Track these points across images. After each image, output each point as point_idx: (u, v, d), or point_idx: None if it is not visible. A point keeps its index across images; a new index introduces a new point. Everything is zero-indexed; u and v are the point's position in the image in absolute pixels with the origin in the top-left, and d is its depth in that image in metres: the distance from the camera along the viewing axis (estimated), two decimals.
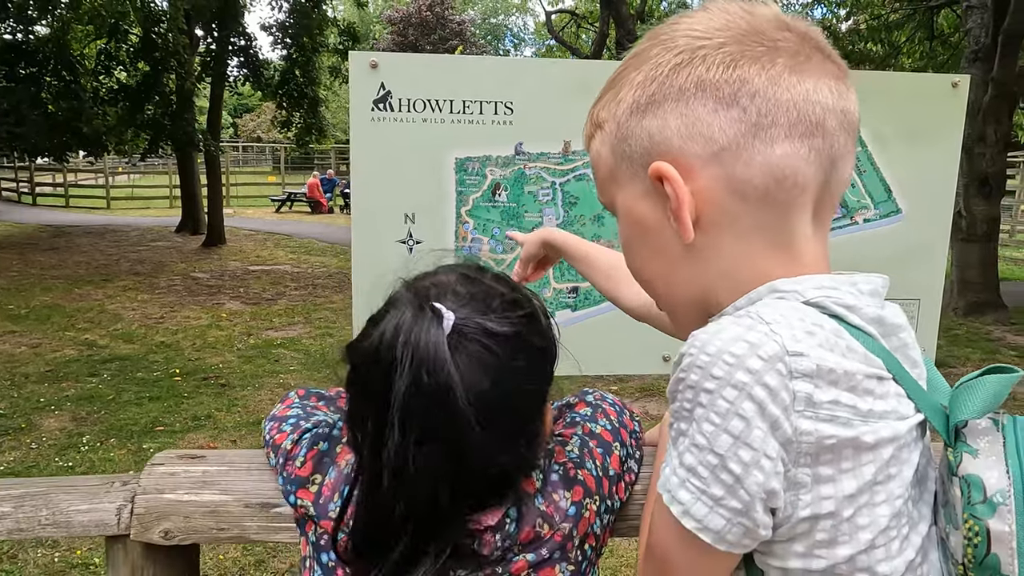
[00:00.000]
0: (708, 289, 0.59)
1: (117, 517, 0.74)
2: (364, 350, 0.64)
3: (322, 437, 0.77)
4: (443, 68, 1.34)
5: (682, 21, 0.59)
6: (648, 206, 0.59)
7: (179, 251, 13.10)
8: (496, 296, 0.67)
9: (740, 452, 0.49)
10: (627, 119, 0.59)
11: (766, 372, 0.49)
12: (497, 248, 1.39)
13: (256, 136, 34.16)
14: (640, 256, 0.63)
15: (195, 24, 12.74)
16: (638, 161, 0.59)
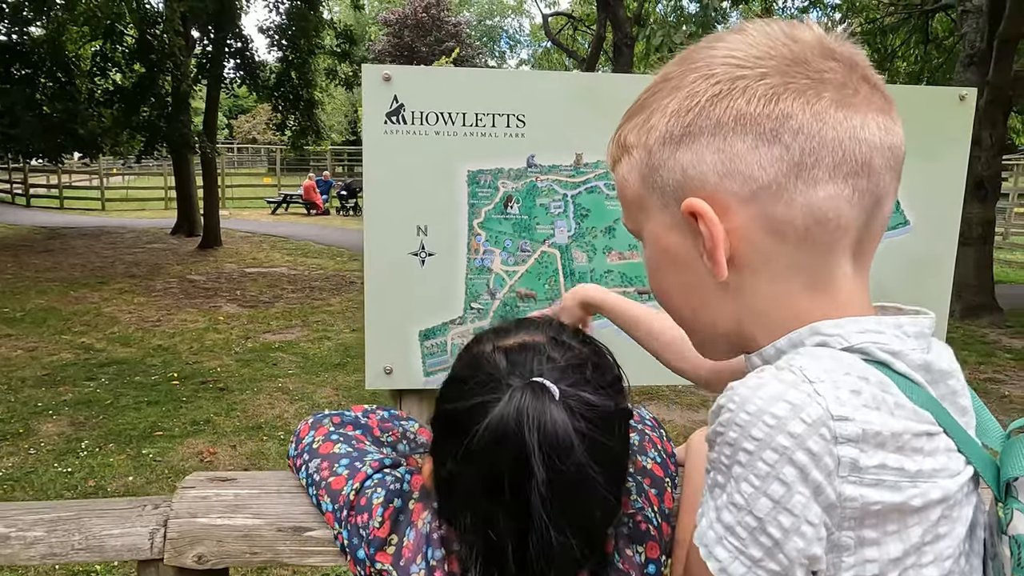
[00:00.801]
0: (742, 325, 0.58)
1: (150, 541, 0.73)
2: (485, 437, 0.61)
3: (395, 494, 0.75)
4: (456, 81, 1.35)
5: (719, 46, 0.56)
6: (679, 239, 0.57)
7: (175, 253, 13.06)
8: (587, 362, 0.67)
9: (780, 517, 0.47)
10: (659, 149, 0.56)
11: (809, 437, 0.47)
12: (509, 260, 1.39)
13: (251, 137, 34.07)
14: (667, 285, 0.61)
15: (191, 26, 12.71)
16: (670, 194, 0.57)
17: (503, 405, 0.61)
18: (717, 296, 0.57)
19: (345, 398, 5.50)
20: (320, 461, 0.80)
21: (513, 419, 0.60)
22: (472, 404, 0.64)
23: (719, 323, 0.59)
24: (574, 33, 15.56)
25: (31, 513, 0.75)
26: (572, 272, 1.41)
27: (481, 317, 1.40)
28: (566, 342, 0.69)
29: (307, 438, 0.84)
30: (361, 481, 0.76)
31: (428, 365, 1.40)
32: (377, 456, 0.80)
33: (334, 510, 0.76)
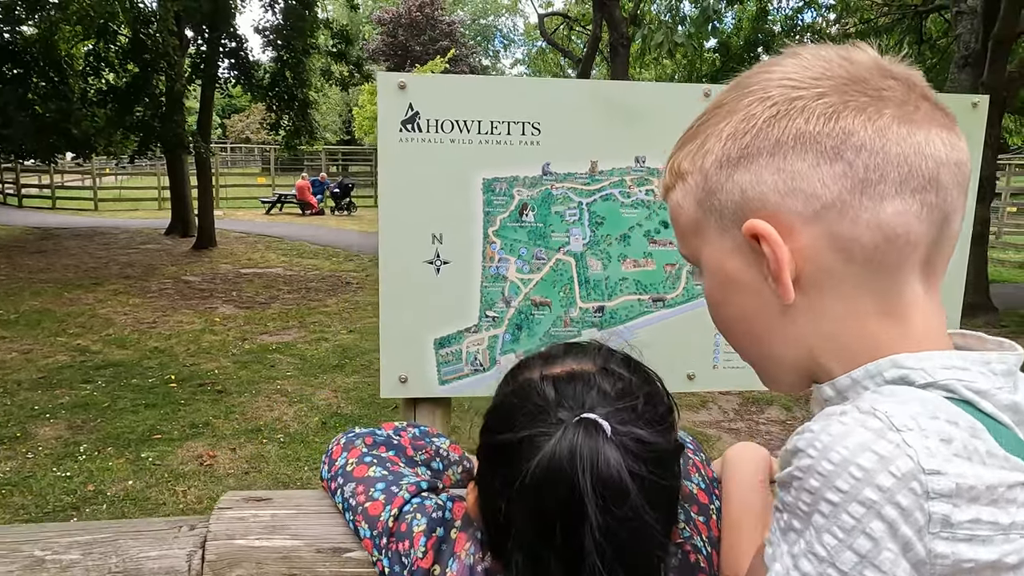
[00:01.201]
0: (811, 351, 0.56)
1: (188, 563, 0.72)
2: (536, 475, 0.59)
3: (438, 522, 0.73)
4: (471, 89, 1.34)
5: (774, 70, 0.56)
6: (740, 263, 0.56)
7: (169, 254, 12.99)
8: (638, 393, 0.64)
9: (866, 572, 0.45)
10: (716, 172, 0.56)
11: (899, 491, 0.45)
12: (524, 268, 1.39)
13: (245, 137, 33.93)
14: (730, 313, 0.60)
15: (185, 25, 12.64)
16: (729, 217, 0.56)
17: (554, 443, 0.59)
18: (784, 321, 0.56)
19: (344, 400, 5.49)
20: (355, 485, 0.79)
21: (566, 459, 0.58)
22: (521, 437, 0.62)
23: (787, 350, 0.57)
24: (569, 33, 15.56)
25: (66, 535, 0.74)
26: (587, 280, 1.41)
27: (496, 325, 1.40)
28: (616, 371, 0.66)
29: (340, 460, 0.82)
30: (399, 507, 0.75)
31: (443, 373, 1.39)
32: (413, 479, 0.78)
33: (372, 536, 0.75)
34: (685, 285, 1.44)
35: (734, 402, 5.65)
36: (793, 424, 5.29)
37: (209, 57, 12.33)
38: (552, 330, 1.41)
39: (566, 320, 1.41)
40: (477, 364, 1.40)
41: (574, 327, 1.42)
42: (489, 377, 1.41)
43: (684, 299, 1.45)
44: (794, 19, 12.42)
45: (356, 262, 12.59)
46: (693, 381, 1.48)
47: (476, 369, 1.40)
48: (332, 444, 0.86)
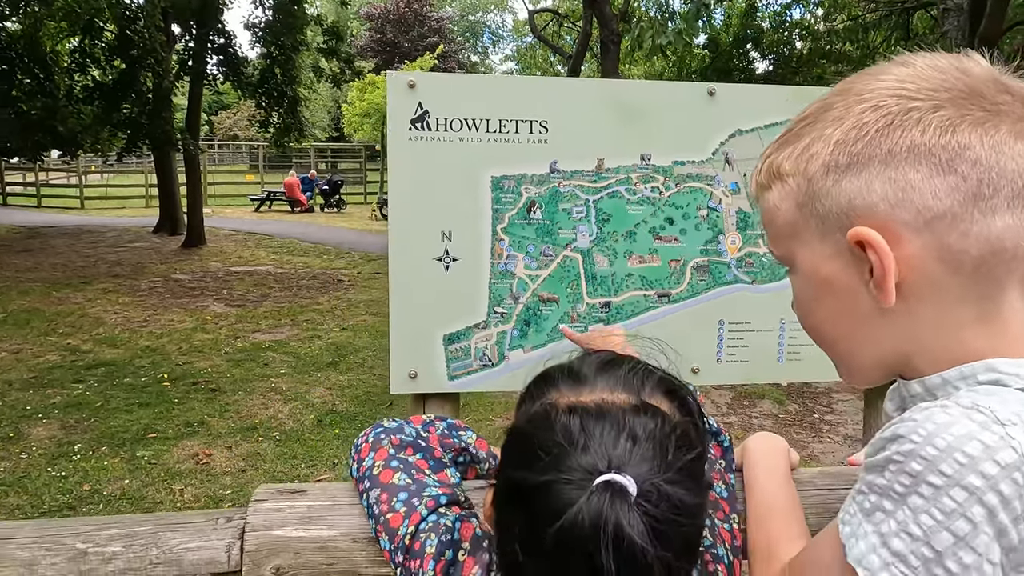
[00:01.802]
0: (901, 353, 0.59)
1: (227, 554, 0.74)
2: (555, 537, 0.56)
3: (447, 545, 0.72)
4: (479, 87, 1.36)
5: (886, 78, 0.56)
6: (839, 267, 0.58)
7: (158, 252, 12.89)
8: (672, 434, 0.60)
9: (961, 553, 0.48)
10: (821, 177, 0.57)
11: (1002, 480, 0.47)
12: (532, 264, 1.41)
13: (232, 134, 33.68)
14: (820, 313, 0.61)
15: (172, 21, 12.53)
16: (833, 222, 0.57)
17: (577, 510, 0.56)
18: (877, 323, 0.58)
19: (339, 398, 5.49)
20: (380, 492, 0.79)
21: (588, 529, 0.55)
22: (539, 483, 0.58)
23: (876, 350, 0.59)
24: (559, 29, 15.58)
25: (106, 528, 0.75)
26: (594, 276, 1.43)
27: (505, 321, 1.41)
28: (650, 406, 0.61)
29: (367, 460, 0.83)
30: (416, 524, 0.75)
31: (452, 369, 1.41)
32: (435, 492, 0.78)
33: (391, 550, 0.75)
34: (689, 281, 1.46)
35: (727, 396, 5.71)
36: (785, 418, 5.35)
37: (197, 53, 12.23)
38: (560, 326, 1.43)
39: (573, 316, 1.43)
40: (486, 359, 1.42)
41: (581, 322, 1.44)
42: (497, 372, 1.43)
43: (688, 294, 1.47)
44: (783, 15, 12.50)
45: (347, 259, 12.56)
46: (697, 375, 1.50)
47: (485, 364, 1.42)
48: (360, 439, 0.86)
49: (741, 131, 1.44)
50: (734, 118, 1.43)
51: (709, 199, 1.45)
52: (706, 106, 1.42)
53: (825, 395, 5.90)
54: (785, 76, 12.41)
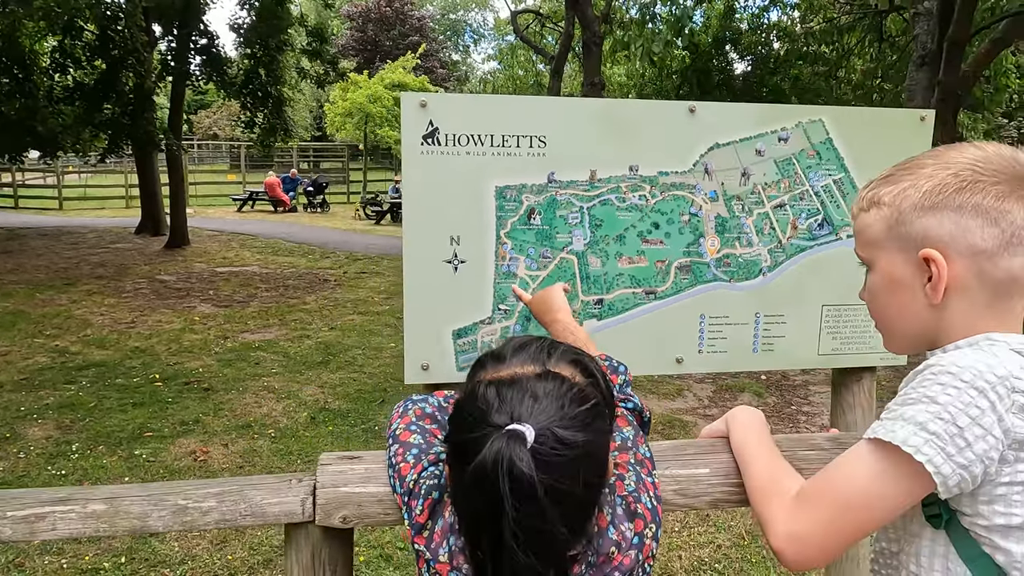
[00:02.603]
0: (935, 331, 0.86)
1: (302, 507, 0.88)
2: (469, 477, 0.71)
3: (435, 487, 0.88)
4: (484, 106, 1.50)
5: (966, 155, 0.84)
6: (908, 272, 0.85)
7: (141, 253, 12.85)
8: (569, 393, 0.75)
9: (974, 428, 0.73)
10: (910, 212, 0.84)
11: (998, 384, 0.75)
12: (532, 266, 1.55)
13: (212, 134, 33.40)
14: (886, 300, 0.89)
15: (152, 20, 12.47)
16: (911, 242, 0.84)
17: (485, 450, 0.70)
18: (925, 312, 0.85)
19: (331, 396, 5.59)
20: (398, 447, 0.94)
21: (490, 465, 0.69)
22: (468, 439, 0.73)
23: (918, 329, 0.87)
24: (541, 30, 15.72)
25: (200, 488, 0.89)
26: (588, 275, 1.58)
27: (508, 317, 1.56)
28: (553, 373, 0.77)
29: (395, 424, 0.98)
30: (419, 472, 0.90)
31: (460, 361, 1.55)
32: (439, 450, 0.93)
33: (400, 493, 0.90)
34: (673, 280, 1.62)
35: (708, 390, 5.90)
36: (764, 409, 5.54)
37: (179, 53, 12.20)
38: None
39: None
40: None
41: (577, 318, 1.59)
42: None
43: (673, 292, 1.63)
44: (760, 17, 12.75)
45: (332, 259, 12.61)
46: (681, 364, 1.66)
47: None
48: (393, 411, 1.01)
49: (718, 144, 1.59)
50: (712, 133, 1.59)
51: (690, 206, 1.60)
52: (687, 122, 1.57)
53: (802, 388, 6.12)
54: (763, 76, 12.67)
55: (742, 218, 1.62)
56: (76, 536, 0.82)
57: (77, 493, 0.87)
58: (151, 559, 3.25)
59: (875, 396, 1.81)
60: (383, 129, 22.15)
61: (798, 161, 1.63)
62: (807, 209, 1.65)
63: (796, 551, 0.81)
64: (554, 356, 0.81)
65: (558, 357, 0.81)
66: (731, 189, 1.61)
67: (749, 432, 1.02)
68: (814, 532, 0.80)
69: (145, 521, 0.82)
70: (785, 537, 0.82)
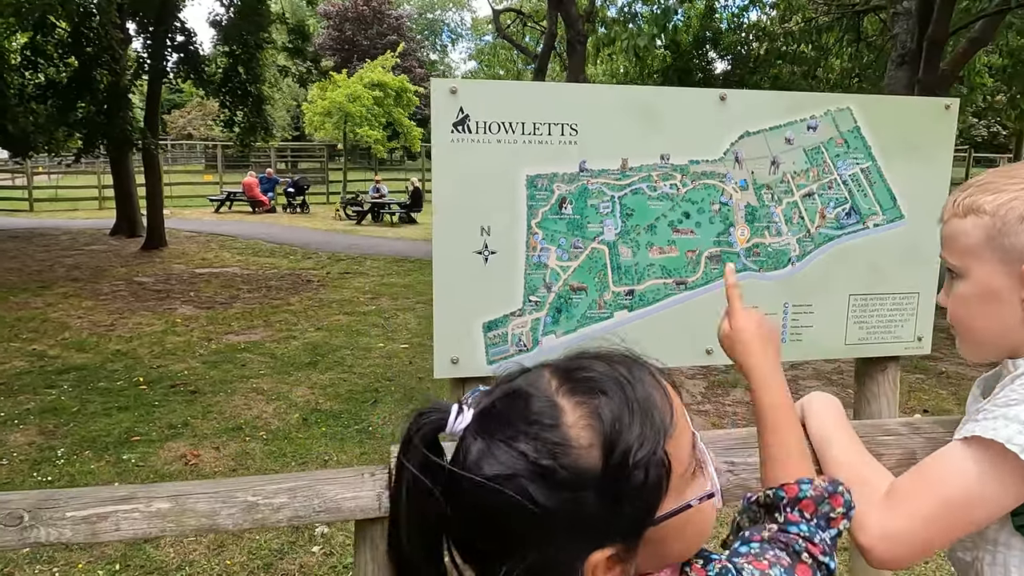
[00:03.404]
0: (1017, 343, 0.86)
1: (378, 501, 0.84)
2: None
3: None
4: (515, 94, 1.47)
5: None
6: (1007, 285, 0.83)
7: (118, 255, 12.58)
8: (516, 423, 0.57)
9: None
10: (1015, 223, 0.82)
11: None
12: (563, 256, 1.52)
13: (187, 133, 32.85)
14: (976, 311, 0.87)
15: (127, 17, 12.21)
16: (1012, 255, 0.82)
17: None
18: (1017, 325, 0.84)
19: (322, 396, 5.51)
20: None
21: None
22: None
23: (1005, 340, 0.86)
24: (523, 29, 15.70)
25: (271, 484, 0.84)
26: (619, 266, 1.55)
27: (538, 309, 1.53)
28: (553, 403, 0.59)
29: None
30: None
31: (491, 354, 1.52)
32: None
33: None
34: (704, 269, 1.60)
35: (700, 386, 5.93)
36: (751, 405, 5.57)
37: (156, 51, 11.96)
38: (588, 312, 1.56)
39: (600, 303, 1.56)
40: (521, 345, 1.53)
41: (607, 309, 1.56)
42: (532, 357, 1.54)
43: (703, 282, 1.61)
44: (740, 17, 12.87)
45: (315, 260, 12.46)
46: (711, 355, 1.64)
47: (520, 350, 1.53)
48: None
49: (749, 133, 1.58)
50: (742, 121, 1.57)
51: (721, 195, 1.59)
52: (717, 110, 1.55)
53: (792, 383, 6.17)
54: (743, 76, 12.79)
55: (771, 207, 1.61)
56: (141, 537, 0.78)
57: (140, 491, 0.82)
58: (147, 566, 3.16)
59: (899, 385, 1.82)
60: (363, 128, 21.98)
61: (826, 150, 1.62)
62: (835, 198, 1.65)
63: (887, 549, 0.79)
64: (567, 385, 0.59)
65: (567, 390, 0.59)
66: (761, 178, 1.60)
67: (827, 419, 0.98)
68: (909, 531, 0.78)
69: (213, 519, 0.78)
70: (878, 536, 0.79)
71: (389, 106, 22.60)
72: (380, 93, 22.18)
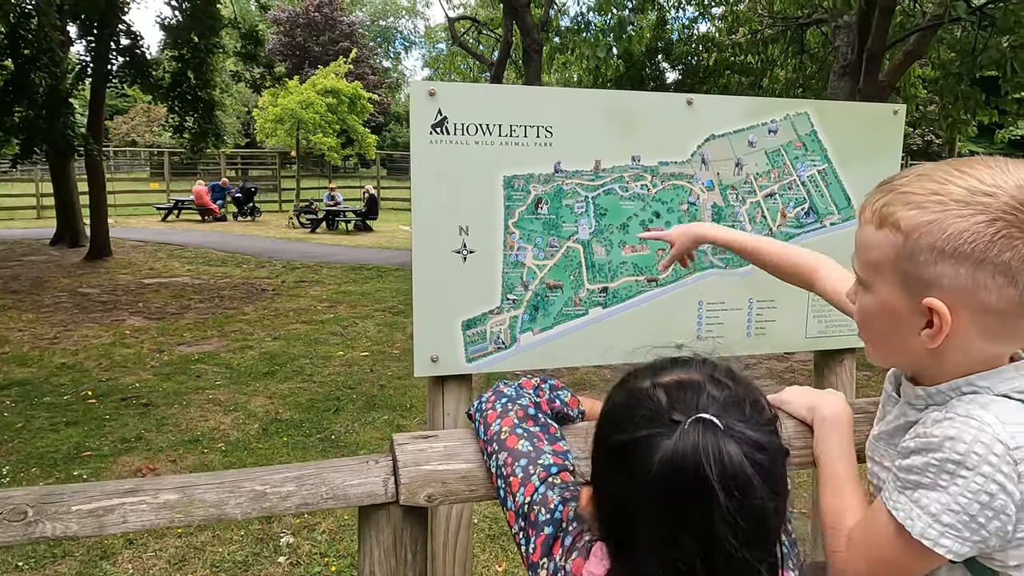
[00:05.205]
0: (922, 366, 0.83)
1: (384, 488, 0.85)
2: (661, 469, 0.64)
3: (547, 522, 0.82)
4: (492, 96, 1.50)
5: (1005, 188, 0.73)
6: (907, 311, 0.78)
7: (59, 265, 12.08)
8: (744, 399, 0.69)
9: (986, 512, 0.73)
10: (926, 252, 0.74)
11: (1002, 464, 0.72)
12: (539, 255, 1.56)
13: (131, 140, 31.79)
14: (876, 325, 0.83)
15: (68, 19, 11.78)
16: (916, 283, 0.76)
17: (675, 439, 0.64)
18: (916, 349, 0.80)
19: (282, 406, 5.42)
20: (507, 455, 0.89)
21: (690, 453, 0.63)
22: (637, 437, 0.66)
23: (904, 358, 0.84)
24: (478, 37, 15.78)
25: (277, 473, 0.84)
26: (593, 264, 1.60)
27: (516, 307, 1.56)
28: (722, 380, 0.70)
29: (495, 426, 0.91)
30: (531, 495, 0.85)
31: (470, 352, 1.54)
32: (548, 461, 0.88)
33: (514, 512, 0.86)
34: (674, 268, 1.66)
35: None
36: None
37: (99, 54, 11.57)
38: (564, 309, 1.60)
39: (576, 300, 1.60)
40: (500, 343, 1.56)
41: (582, 306, 1.61)
42: (510, 354, 1.57)
43: (673, 279, 1.67)
44: (690, 28, 13.23)
45: (269, 268, 12.22)
46: (681, 350, 1.70)
47: (499, 347, 1.56)
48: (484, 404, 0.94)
49: (714, 136, 1.65)
50: (708, 125, 1.64)
51: (689, 195, 1.65)
52: (685, 114, 1.62)
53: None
54: (693, 86, 13.13)
55: (736, 207, 1.68)
56: (149, 528, 0.77)
57: (146, 484, 0.81)
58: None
59: (855, 376, 1.91)
60: (316, 136, 21.67)
61: (786, 152, 1.70)
62: (795, 198, 1.73)
63: None
64: (717, 371, 0.72)
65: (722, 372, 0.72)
66: (726, 179, 1.67)
67: (831, 439, 0.99)
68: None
69: (222, 509, 0.78)
70: (837, 573, 0.87)
71: (343, 113, 22.36)
72: (334, 100, 21.94)
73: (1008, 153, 18.33)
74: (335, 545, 3.33)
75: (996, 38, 8.15)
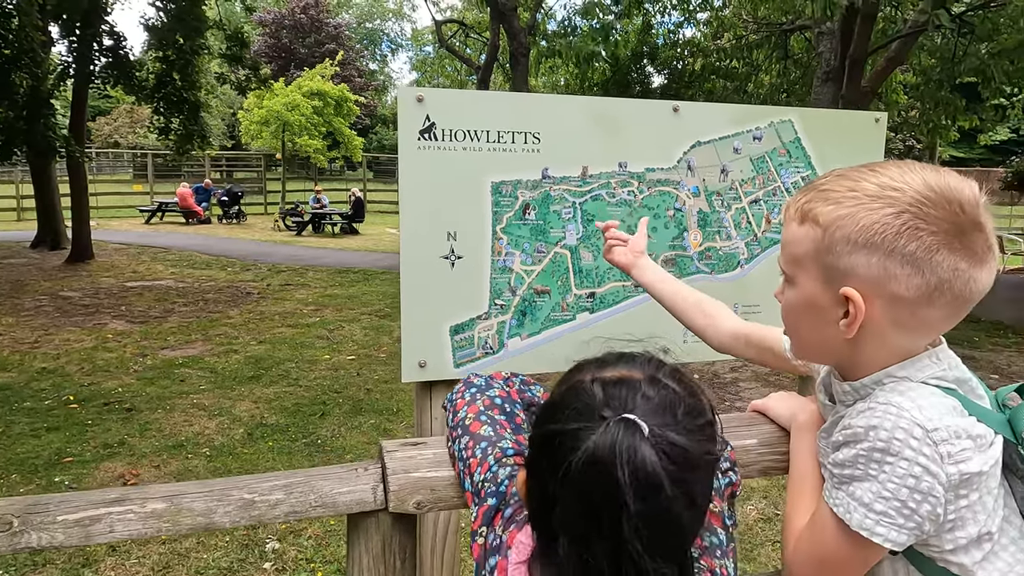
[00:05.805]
0: (843, 358, 0.87)
1: (373, 495, 0.84)
2: (579, 466, 0.65)
3: (491, 494, 0.85)
4: (480, 103, 1.51)
5: (913, 186, 0.78)
6: (826, 300, 0.82)
7: (40, 268, 11.93)
8: (680, 403, 0.69)
9: (915, 495, 0.76)
10: (841, 243, 0.79)
11: (923, 446, 0.76)
12: (527, 260, 1.57)
13: (113, 141, 31.44)
14: (799, 318, 0.87)
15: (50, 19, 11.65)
16: (834, 273, 0.80)
17: (597, 436, 0.65)
18: (837, 340, 0.84)
19: (267, 411, 5.38)
20: (468, 439, 0.91)
21: (607, 453, 0.64)
22: (568, 429, 0.68)
23: (827, 351, 0.88)
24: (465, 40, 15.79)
25: (265, 482, 0.84)
26: (580, 269, 1.61)
27: (504, 312, 1.57)
28: (662, 381, 0.71)
29: (461, 412, 0.94)
30: (484, 473, 0.87)
31: (458, 357, 1.55)
32: (505, 445, 0.90)
33: (472, 492, 0.88)
34: None
35: None
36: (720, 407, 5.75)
37: (82, 55, 11.45)
38: (552, 315, 1.60)
39: (563, 305, 1.61)
40: (488, 348, 1.56)
41: (570, 311, 1.61)
42: (498, 359, 1.57)
43: None
44: (676, 33, 13.32)
45: (254, 272, 12.13)
46: (668, 355, 1.71)
47: (487, 352, 1.56)
48: (455, 395, 0.98)
49: (700, 142, 1.67)
50: (694, 132, 1.66)
51: (675, 201, 1.67)
52: (672, 121, 1.63)
53: (732, 384, 6.40)
54: (679, 90, 13.22)
55: (722, 213, 1.70)
56: (136, 537, 0.76)
57: (132, 492, 0.80)
58: None
59: None
60: (302, 138, 21.56)
61: (771, 159, 1.72)
62: (779, 204, 1.75)
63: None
64: (661, 370, 0.74)
65: (666, 372, 0.74)
66: (712, 185, 1.69)
67: (801, 443, 1.02)
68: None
69: (210, 518, 0.77)
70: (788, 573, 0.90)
71: (329, 115, 22.27)
72: (320, 102, 21.85)
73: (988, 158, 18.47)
74: (321, 551, 3.31)
75: (975, 45, 8.28)
